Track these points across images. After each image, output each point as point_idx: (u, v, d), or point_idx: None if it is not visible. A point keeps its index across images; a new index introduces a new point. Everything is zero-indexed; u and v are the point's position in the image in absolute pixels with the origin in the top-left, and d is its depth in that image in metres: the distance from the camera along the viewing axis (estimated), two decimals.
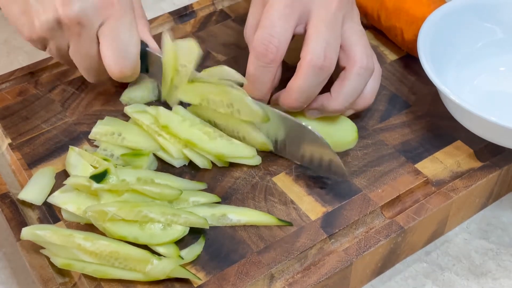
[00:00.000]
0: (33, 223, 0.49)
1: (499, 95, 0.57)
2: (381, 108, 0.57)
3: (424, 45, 0.54)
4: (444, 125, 0.55)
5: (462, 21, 0.58)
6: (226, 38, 0.65)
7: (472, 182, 0.50)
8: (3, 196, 0.51)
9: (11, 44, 0.73)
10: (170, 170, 0.52)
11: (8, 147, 0.55)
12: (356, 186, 0.51)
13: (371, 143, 0.54)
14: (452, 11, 0.57)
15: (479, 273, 0.50)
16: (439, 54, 0.55)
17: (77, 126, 0.56)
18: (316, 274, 0.45)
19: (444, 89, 0.50)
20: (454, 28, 0.57)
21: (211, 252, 0.47)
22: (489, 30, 0.59)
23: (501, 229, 0.53)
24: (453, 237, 0.53)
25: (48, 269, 0.46)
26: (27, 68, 0.62)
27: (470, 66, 0.58)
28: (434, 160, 0.53)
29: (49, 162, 0.53)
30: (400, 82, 0.60)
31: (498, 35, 0.59)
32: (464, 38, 0.58)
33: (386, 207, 0.50)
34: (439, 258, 0.51)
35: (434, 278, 0.50)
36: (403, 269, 0.50)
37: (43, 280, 0.45)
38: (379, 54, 0.63)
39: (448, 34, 0.57)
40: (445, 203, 0.49)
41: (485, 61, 0.59)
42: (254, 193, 0.50)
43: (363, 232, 0.48)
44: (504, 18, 0.59)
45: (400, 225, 0.48)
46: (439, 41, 0.56)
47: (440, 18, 0.56)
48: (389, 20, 0.61)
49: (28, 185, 0.50)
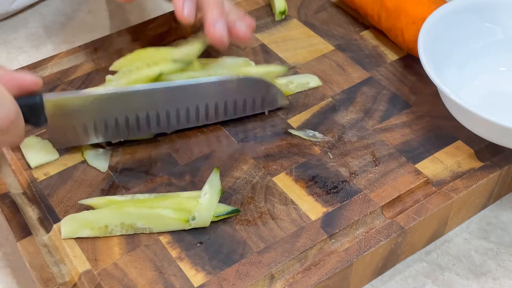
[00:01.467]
0: (33, 223, 0.49)
1: (500, 95, 0.57)
2: (381, 108, 0.57)
3: (424, 45, 0.54)
4: (445, 125, 0.55)
5: (462, 21, 0.58)
6: None
7: (472, 182, 0.50)
8: (3, 196, 0.51)
9: (11, 44, 0.73)
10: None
11: (8, 147, 0.55)
12: (356, 186, 0.51)
13: (371, 143, 0.54)
14: (452, 11, 0.57)
15: (479, 273, 0.50)
16: (439, 54, 0.55)
17: None
18: (317, 274, 0.45)
19: (444, 89, 0.50)
20: (454, 28, 0.57)
21: (211, 252, 0.47)
22: (489, 30, 0.59)
23: (501, 229, 0.53)
24: (453, 237, 0.53)
25: (48, 269, 0.46)
26: (27, 68, 0.62)
27: (470, 66, 0.58)
28: (435, 160, 0.52)
29: (49, 162, 0.53)
30: (401, 82, 0.60)
31: (498, 35, 0.59)
32: (464, 38, 0.58)
33: (386, 207, 0.50)
34: (439, 258, 0.51)
35: (434, 278, 0.50)
36: (403, 269, 0.50)
37: (43, 280, 0.45)
38: (379, 54, 0.63)
39: (448, 34, 0.57)
40: (446, 203, 0.49)
41: (486, 61, 0.59)
42: (254, 193, 0.50)
43: (363, 232, 0.48)
44: (504, 18, 0.59)
45: (400, 225, 0.48)
46: (439, 41, 0.56)
47: (440, 18, 0.56)
48: (389, 21, 0.61)
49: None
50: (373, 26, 0.65)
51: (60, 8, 0.79)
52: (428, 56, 0.52)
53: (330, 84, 0.60)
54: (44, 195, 0.51)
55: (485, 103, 0.56)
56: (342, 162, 0.53)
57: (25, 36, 0.74)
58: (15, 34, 0.74)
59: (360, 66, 0.62)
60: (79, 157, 0.54)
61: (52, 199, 0.50)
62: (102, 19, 0.76)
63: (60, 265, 0.46)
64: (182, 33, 0.66)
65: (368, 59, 0.63)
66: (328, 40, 0.65)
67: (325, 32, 0.66)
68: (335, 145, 0.54)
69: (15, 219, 0.49)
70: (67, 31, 0.75)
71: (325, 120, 0.56)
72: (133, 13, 0.76)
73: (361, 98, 0.58)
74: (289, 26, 0.67)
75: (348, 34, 0.66)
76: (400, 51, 0.63)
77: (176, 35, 0.65)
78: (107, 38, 0.65)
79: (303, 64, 0.62)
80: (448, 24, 0.57)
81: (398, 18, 0.60)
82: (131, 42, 0.65)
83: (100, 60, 0.63)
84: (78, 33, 0.74)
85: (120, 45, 0.65)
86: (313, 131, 0.55)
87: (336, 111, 0.57)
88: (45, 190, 0.51)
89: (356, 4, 0.66)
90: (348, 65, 0.62)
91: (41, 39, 0.74)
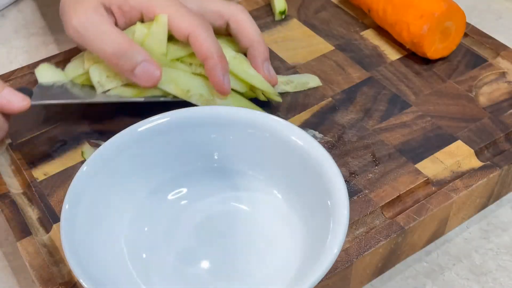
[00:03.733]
0: (33, 223, 0.49)
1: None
2: (381, 108, 0.57)
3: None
4: (445, 125, 0.55)
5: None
6: None
7: (472, 182, 0.50)
8: (3, 196, 0.51)
9: (11, 44, 0.73)
10: None
11: (8, 147, 0.55)
12: (356, 186, 0.51)
13: (371, 143, 0.54)
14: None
15: (479, 273, 0.50)
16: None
17: (77, 126, 0.56)
18: None
19: None
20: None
21: None
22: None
23: (501, 229, 0.53)
24: (453, 237, 0.53)
25: (48, 269, 0.46)
26: (27, 68, 0.62)
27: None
28: (435, 160, 0.52)
29: (49, 162, 0.53)
30: (401, 82, 0.60)
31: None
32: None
33: (386, 207, 0.49)
34: (439, 258, 0.51)
35: (434, 278, 0.50)
36: (404, 269, 0.50)
37: (43, 280, 0.45)
38: (379, 54, 0.63)
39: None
40: (446, 203, 0.49)
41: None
42: None
43: (363, 232, 0.48)
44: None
45: (400, 225, 0.47)
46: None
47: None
48: (395, 15, 0.61)
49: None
50: (374, 25, 0.66)
51: None
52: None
53: (330, 84, 0.60)
54: (44, 195, 0.51)
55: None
56: (342, 162, 0.52)
57: (25, 36, 0.74)
58: (15, 34, 0.74)
59: (360, 66, 0.62)
60: (79, 157, 0.54)
61: (52, 199, 0.50)
62: None
63: (60, 265, 0.46)
64: None
65: (368, 59, 0.63)
66: (328, 40, 0.65)
67: (325, 32, 0.66)
68: (335, 145, 0.54)
69: (15, 219, 0.49)
70: None
71: (325, 120, 0.56)
72: None
73: (361, 98, 0.58)
74: (289, 26, 0.67)
75: (348, 34, 0.66)
76: (401, 51, 0.63)
77: None
78: None
79: (303, 64, 0.62)
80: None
81: (405, 12, 0.60)
82: None
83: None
84: None
85: None
86: (313, 131, 0.55)
87: (336, 111, 0.57)
88: (45, 190, 0.51)
89: (361, 0, 0.66)
90: (348, 65, 0.62)
91: (41, 39, 0.74)
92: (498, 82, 0.60)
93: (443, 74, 0.61)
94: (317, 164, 0.43)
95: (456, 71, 0.61)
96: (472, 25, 0.65)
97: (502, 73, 0.61)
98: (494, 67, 0.61)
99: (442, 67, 0.61)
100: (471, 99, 0.58)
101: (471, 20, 0.66)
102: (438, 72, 0.61)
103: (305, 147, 0.44)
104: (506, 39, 0.66)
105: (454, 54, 0.63)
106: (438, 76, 0.60)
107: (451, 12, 0.60)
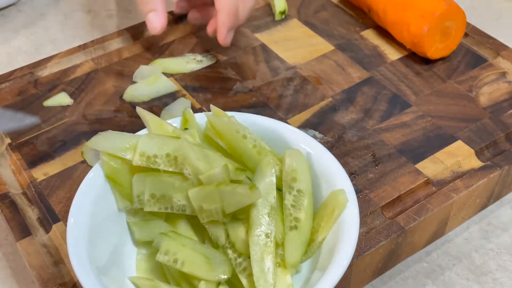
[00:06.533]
0: (32, 223, 0.49)
1: None
2: (381, 108, 0.57)
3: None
4: (445, 125, 0.55)
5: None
6: None
7: (472, 182, 0.50)
8: (3, 196, 0.51)
9: (11, 44, 0.73)
10: None
11: (8, 147, 0.55)
12: (356, 186, 0.51)
13: (371, 143, 0.54)
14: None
15: (479, 273, 0.50)
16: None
17: (77, 126, 0.56)
18: None
19: None
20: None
21: None
22: None
23: (501, 229, 0.53)
24: (453, 237, 0.52)
25: (48, 269, 0.46)
26: (27, 68, 0.62)
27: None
28: (435, 160, 0.52)
29: (49, 162, 0.53)
30: (401, 82, 0.60)
31: None
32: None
33: (386, 207, 0.49)
34: (440, 258, 0.51)
35: (435, 278, 0.50)
36: (404, 269, 0.50)
37: (42, 280, 0.45)
38: (379, 54, 0.63)
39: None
40: (446, 203, 0.49)
41: None
42: None
43: (363, 232, 0.48)
44: None
45: (400, 226, 0.47)
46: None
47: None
48: (395, 14, 0.61)
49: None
50: (374, 25, 0.65)
51: (60, 8, 0.79)
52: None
53: (330, 84, 0.60)
54: (44, 195, 0.51)
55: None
56: (342, 162, 0.52)
57: (25, 36, 0.74)
58: (15, 34, 0.74)
59: (360, 66, 0.62)
60: (79, 157, 0.53)
61: (51, 199, 0.50)
62: (102, 19, 0.76)
63: (60, 265, 0.46)
64: (181, 33, 0.66)
65: (368, 59, 0.62)
66: (328, 40, 0.65)
67: (325, 32, 0.66)
68: (335, 145, 0.54)
69: (14, 219, 0.49)
70: (67, 31, 0.75)
71: (325, 120, 0.56)
72: (133, 13, 0.77)
73: (361, 98, 0.58)
74: (289, 26, 0.67)
75: (348, 34, 0.66)
76: (401, 51, 0.63)
77: (174, 36, 0.65)
78: (107, 38, 0.65)
79: (303, 64, 0.62)
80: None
81: (406, 12, 0.60)
82: (131, 42, 0.65)
83: (100, 60, 0.63)
84: (78, 33, 0.74)
85: (120, 45, 0.65)
86: (313, 131, 0.55)
87: (336, 111, 0.57)
88: (44, 190, 0.51)
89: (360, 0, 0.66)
90: (348, 65, 0.62)
91: (41, 39, 0.74)
92: (499, 82, 0.60)
93: (443, 74, 0.61)
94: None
95: (456, 71, 0.61)
96: (472, 25, 0.65)
97: (502, 73, 0.61)
98: (494, 67, 0.61)
99: (442, 67, 0.61)
100: (472, 99, 0.58)
101: (471, 20, 0.66)
102: (438, 72, 0.61)
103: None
104: (506, 39, 0.66)
105: (454, 54, 0.63)
106: (438, 76, 0.60)
107: (452, 12, 0.59)
